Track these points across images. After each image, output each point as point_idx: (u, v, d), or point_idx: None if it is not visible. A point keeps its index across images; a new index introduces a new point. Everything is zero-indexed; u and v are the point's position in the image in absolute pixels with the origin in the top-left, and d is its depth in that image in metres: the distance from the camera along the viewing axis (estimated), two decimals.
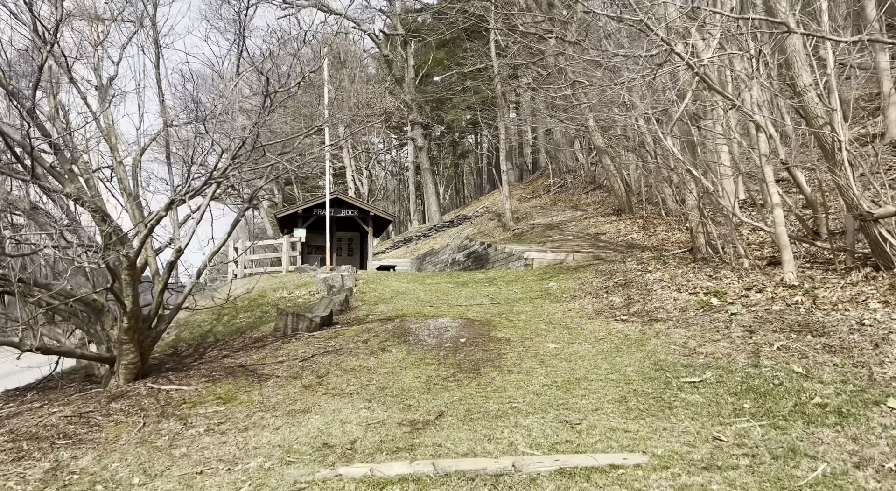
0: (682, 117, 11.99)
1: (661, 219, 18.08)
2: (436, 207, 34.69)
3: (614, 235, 18.11)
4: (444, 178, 56.18)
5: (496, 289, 13.41)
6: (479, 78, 30.16)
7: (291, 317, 9.66)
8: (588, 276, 13.20)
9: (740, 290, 8.78)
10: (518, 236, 22.45)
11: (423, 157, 34.52)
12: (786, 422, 4.54)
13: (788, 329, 6.75)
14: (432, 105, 45.08)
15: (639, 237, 16.94)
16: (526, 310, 10.49)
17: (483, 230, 28.98)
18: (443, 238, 32.23)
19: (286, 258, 20.98)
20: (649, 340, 7.38)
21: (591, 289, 11.70)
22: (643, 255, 13.93)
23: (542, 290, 12.58)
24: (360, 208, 25.21)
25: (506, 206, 26.19)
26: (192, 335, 10.72)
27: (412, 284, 14.70)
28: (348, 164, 40.70)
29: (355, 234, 28.05)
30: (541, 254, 16.38)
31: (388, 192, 56.61)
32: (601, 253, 15.84)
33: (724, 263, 10.97)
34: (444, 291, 13.51)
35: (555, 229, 21.32)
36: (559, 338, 7.98)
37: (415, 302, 11.83)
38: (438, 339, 8.28)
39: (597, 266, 14.10)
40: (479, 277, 15.84)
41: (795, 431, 4.36)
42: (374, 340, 8.36)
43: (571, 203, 28.22)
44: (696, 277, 10.24)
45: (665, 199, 18.31)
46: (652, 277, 11.05)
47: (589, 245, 17.45)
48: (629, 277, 11.68)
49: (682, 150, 17.88)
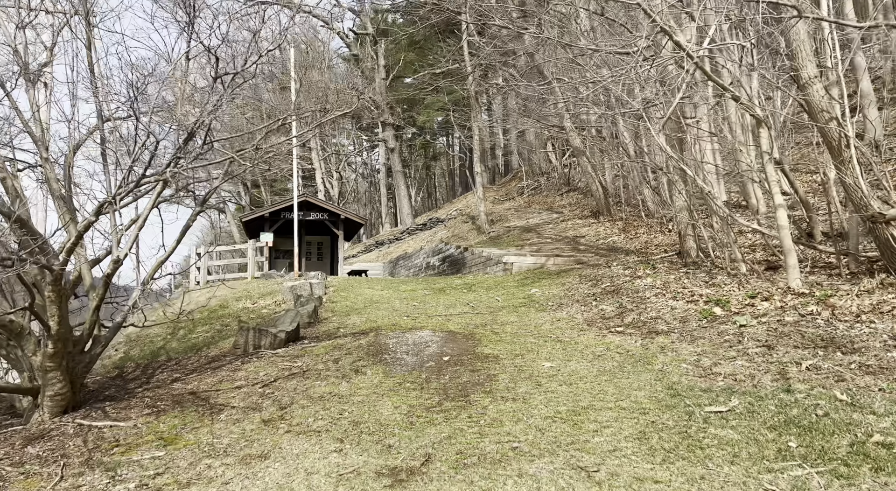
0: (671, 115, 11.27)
1: (642, 221, 17.41)
2: (408, 210, 33.71)
3: (594, 238, 17.38)
4: (415, 181, 55.21)
5: (476, 296, 12.51)
6: (452, 77, 29.30)
7: (253, 332, 8.61)
8: (572, 281, 12.39)
9: (743, 298, 8.02)
10: (494, 239, 21.61)
11: (394, 159, 33.50)
12: (847, 467, 3.71)
13: (812, 345, 5.97)
14: (404, 106, 44.07)
15: (620, 240, 16.22)
16: (511, 320, 9.60)
17: (457, 233, 28.10)
18: (416, 241, 31.27)
19: (252, 264, 19.79)
20: (655, 356, 6.54)
21: (578, 296, 10.88)
22: (628, 259, 13.18)
23: (525, 297, 11.73)
24: (331, 211, 24.11)
25: (480, 209, 25.35)
26: (142, 353, 9.58)
27: (386, 292, 13.72)
28: (318, 166, 39.47)
29: (325, 238, 26.91)
30: (520, 258, 15.54)
31: (360, 195, 55.43)
32: (583, 257, 15.07)
33: (718, 268, 10.25)
34: (420, 299, 12.56)
35: (532, 232, 20.54)
36: (553, 354, 7.10)
37: (390, 312, 10.85)
38: (419, 357, 7.34)
39: (580, 271, 13.31)
40: (456, 283, 14.93)
41: (865, 482, 3.53)
42: (347, 360, 7.37)
43: (546, 205, 27.54)
44: (691, 284, 9.47)
45: (645, 201, 17.65)
46: (643, 284, 10.27)
47: (569, 248, 16.68)
48: (617, 284, 10.89)
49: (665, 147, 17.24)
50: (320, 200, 25.04)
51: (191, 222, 6.97)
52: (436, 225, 32.28)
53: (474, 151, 24.93)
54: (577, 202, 25.30)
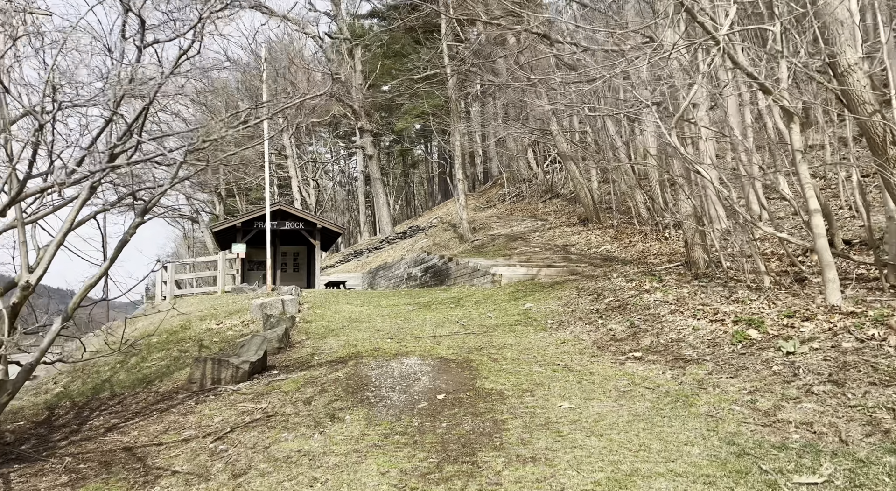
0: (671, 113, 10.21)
1: (635, 228, 16.34)
2: (387, 218, 32.38)
3: (585, 247, 16.25)
4: (394, 189, 53.90)
5: (465, 312, 11.25)
6: (431, 81, 28.13)
7: (212, 364, 7.24)
8: (570, 295, 11.20)
9: (779, 317, 6.88)
10: (479, 248, 20.39)
11: (373, 166, 32.18)
12: None
13: (892, 381, 4.82)
14: (382, 113, 42.78)
15: (614, 249, 15.10)
16: (509, 342, 8.36)
17: (439, 242, 26.85)
18: (396, 250, 29.94)
19: (221, 278, 18.29)
20: (696, 395, 5.34)
21: (580, 313, 9.68)
22: (627, 269, 12.04)
23: (521, 313, 10.50)
24: (306, 220, 22.70)
25: (462, 217, 24.14)
26: (83, 387, 8.13)
27: (367, 308, 12.39)
28: (294, 174, 37.95)
29: (301, 248, 25.46)
30: (509, 269, 14.33)
31: (337, 203, 53.92)
32: (577, 267, 13.91)
33: (736, 281, 9.13)
34: (404, 315, 11.26)
35: (518, 241, 19.36)
36: (568, 390, 5.87)
37: (371, 333, 9.54)
38: (408, 394, 6.04)
39: (576, 283, 12.13)
40: (442, 297, 13.65)
41: None
42: (321, 399, 6.05)
43: (529, 212, 26.44)
44: (710, 300, 8.33)
45: (637, 207, 16.59)
46: (653, 299, 9.11)
47: (560, 258, 15.52)
48: (623, 298, 9.72)
49: (661, 150, 16.22)
50: (296, 209, 23.61)
51: (128, 237, 5.61)
52: (416, 233, 31.00)
53: (455, 157, 23.74)
54: (562, 209, 24.24)
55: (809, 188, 7.22)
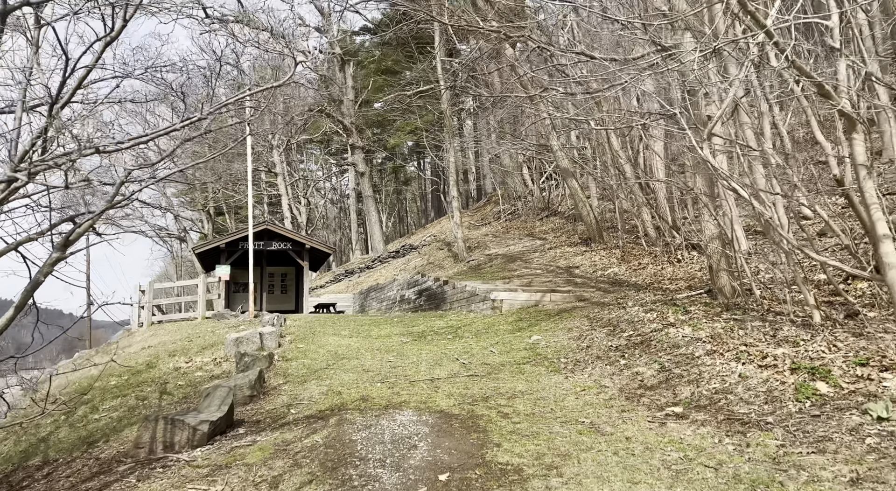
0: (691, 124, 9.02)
1: (642, 249, 15.12)
2: (379, 236, 31.09)
3: (590, 269, 15.00)
4: (386, 206, 52.70)
5: (465, 345, 9.95)
6: (424, 96, 27.08)
7: (164, 425, 5.89)
8: (581, 326, 9.94)
9: (849, 366, 5.63)
10: (475, 269, 19.11)
11: (364, 184, 30.93)
12: None
13: None
14: (375, 130, 41.67)
15: (622, 272, 13.86)
16: (519, 388, 7.06)
17: (433, 261, 25.58)
18: (388, 270, 28.63)
19: (202, 303, 16.92)
20: (778, 482, 4.05)
21: (596, 349, 8.40)
22: (642, 296, 10.79)
23: (527, 348, 9.21)
24: (294, 240, 21.38)
25: (457, 235, 22.90)
26: (13, 450, 6.75)
27: (356, 340, 11.07)
28: (284, 191, 36.65)
29: (290, 269, 24.10)
30: (510, 293, 13.05)
31: (329, 221, 52.63)
32: (583, 292, 12.66)
33: (775, 314, 7.89)
34: (397, 349, 9.94)
35: (517, 261, 18.11)
36: (604, 466, 4.57)
37: (359, 374, 8.21)
38: (401, 472, 4.73)
39: (586, 311, 10.88)
40: (438, 326, 12.35)
41: None
42: (291, 481, 4.72)
43: (526, 230, 25.23)
44: (752, 338, 7.07)
45: (645, 226, 15.38)
46: (681, 335, 7.85)
47: (564, 281, 14.26)
48: (644, 333, 8.46)
49: (670, 166, 15.06)
50: (283, 228, 22.29)
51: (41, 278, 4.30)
52: (409, 252, 29.72)
53: (449, 173, 22.56)
54: (561, 227, 23.04)
55: (877, 210, 6.01)
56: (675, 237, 13.91)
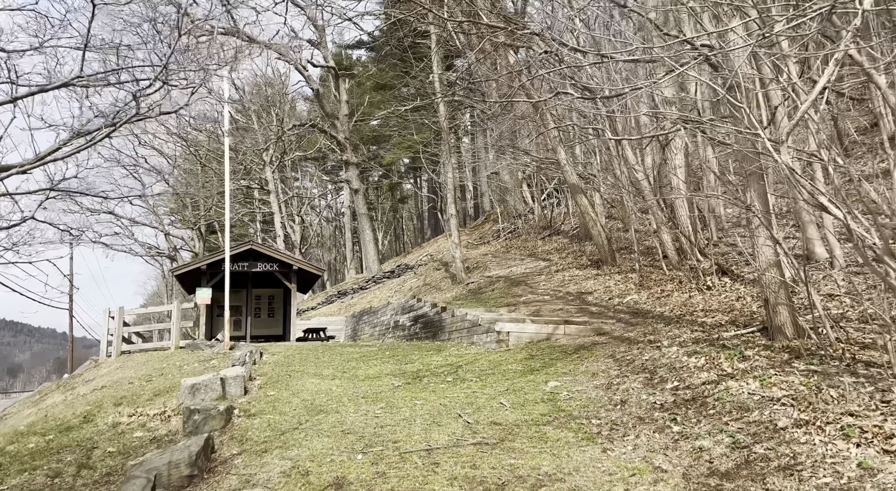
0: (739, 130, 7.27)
1: (662, 273, 13.31)
2: (374, 256, 29.25)
3: (605, 296, 13.17)
4: (382, 224, 50.94)
5: (468, 392, 8.07)
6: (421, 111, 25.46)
7: None
8: (606, 369, 8.09)
9: None
10: (476, 294, 17.27)
11: (359, 201, 29.16)
12: None
13: None
14: (370, 147, 40.04)
15: (644, 300, 12.04)
16: (545, 469, 5.19)
17: (430, 282, 23.72)
18: (383, 291, 26.74)
19: (175, 331, 14.99)
20: None
21: (634, 406, 6.54)
22: (677, 333, 8.95)
23: (546, 399, 7.35)
24: (281, 261, 19.51)
25: (455, 255, 21.09)
26: None
27: (339, 382, 9.18)
28: (277, 209, 34.84)
29: (278, 291, 22.16)
30: (517, 325, 11.20)
31: (324, 240, 50.80)
32: (602, 324, 10.82)
33: (867, 365, 6.05)
34: (387, 399, 8.05)
35: (521, 285, 16.27)
36: None
37: (336, 440, 6.32)
38: None
39: (610, 348, 9.04)
40: (436, 363, 10.47)
41: None
42: None
43: (527, 250, 23.42)
44: (855, 404, 5.22)
45: (665, 247, 13.59)
46: (746, 391, 6.01)
47: (577, 310, 12.42)
48: (693, 384, 6.62)
49: (691, 179, 13.29)
50: (268, 248, 20.42)
51: None
52: (405, 272, 27.88)
53: (446, 190, 20.82)
54: (565, 247, 21.26)
55: None
56: (701, 261, 12.12)
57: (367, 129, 35.81)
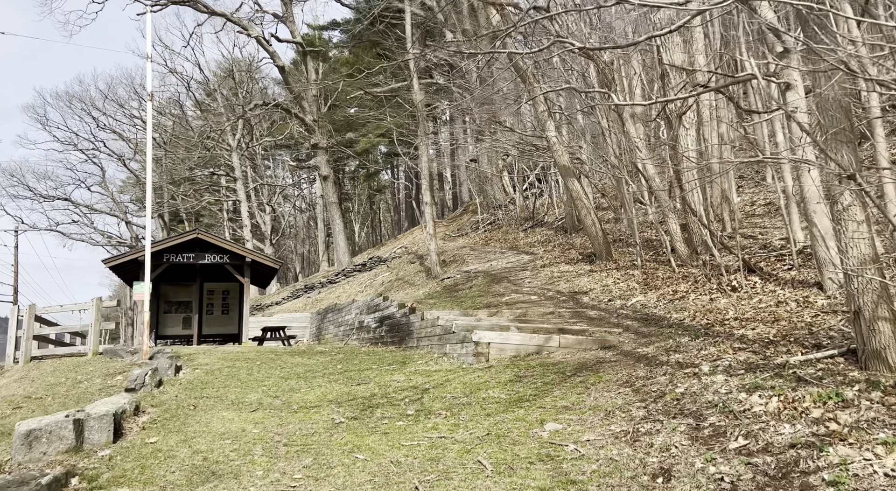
0: None
1: (669, 269, 10.92)
2: (344, 247, 26.57)
3: (604, 297, 10.74)
4: (360, 216, 48.13)
5: (434, 439, 5.53)
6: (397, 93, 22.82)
7: None
8: (624, 403, 5.64)
9: None
10: (450, 291, 14.77)
11: (328, 189, 26.43)
12: None
13: None
14: (344, 134, 37.20)
15: (653, 303, 9.62)
16: None
17: (402, 276, 21.14)
18: (353, 286, 24.11)
19: (93, 334, 12.24)
20: None
21: (687, 483, 4.06)
22: (712, 351, 6.52)
23: (546, 457, 4.83)
24: (233, 252, 16.79)
25: (430, 248, 18.54)
26: None
27: (259, 419, 6.58)
28: (244, 197, 31.91)
29: (233, 286, 19.39)
30: (500, 335, 8.70)
31: (298, 230, 47.85)
32: (606, 333, 8.38)
33: None
34: (318, 451, 5.46)
35: (503, 282, 13.78)
36: None
37: None
38: None
39: (623, 371, 6.61)
40: (397, 384, 7.92)
41: None
42: None
43: (508, 243, 20.99)
44: None
45: (673, 240, 11.19)
46: (879, 471, 3.56)
47: (571, 314, 9.97)
48: (774, 444, 4.16)
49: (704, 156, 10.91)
50: (218, 238, 17.63)
51: None
52: (377, 265, 25.26)
53: (422, 177, 18.25)
54: (549, 240, 18.86)
55: None
56: (717, 256, 9.73)
57: (340, 116, 32.99)
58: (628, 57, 11.69)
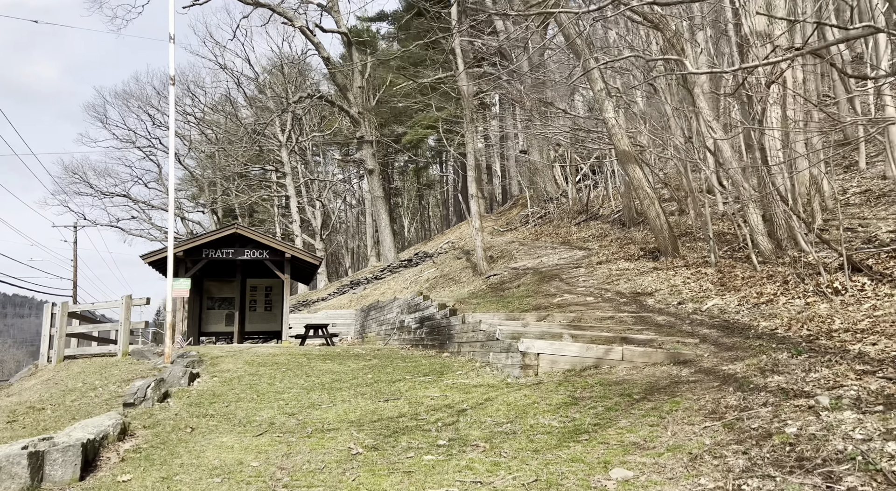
0: None
1: (749, 267, 9.26)
2: (390, 242, 25.62)
3: (673, 299, 9.19)
4: (409, 211, 47.34)
5: (469, 483, 4.28)
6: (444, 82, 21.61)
7: None
8: (714, 445, 4.18)
9: None
10: (497, 290, 13.45)
11: (373, 182, 25.52)
12: None
13: None
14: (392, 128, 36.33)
15: (734, 307, 8.03)
16: None
17: (447, 272, 19.96)
18: (398, 282, 23.12)
19: (123, 333, 11.60)
20: None
21: None
22: (831, 375, 4.99)
23: None
24: (272, 248, 16.01)
25: (476, 243, 17.27)
26: None
27: (263, 446, 5.52)
28: (293, 193, 31.47)
29: (276, 282, 18.71)
30: (552, 344, 7.34)
31: (349, 225, 47.48)
32: (680, 346, 6.91)
33: None
34: None
35: (555, 281, 12.36)
36: None
37: None
38: None
39: (702, 394, 5.17)
40: (429, 402, 6.72)
41: None
42: None
43: (560, 238, 19.46)
44: None
45: (754, 234, 9.49)
46: None
47: (635, 320, 8.49)
48: None
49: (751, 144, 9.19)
50: (257, 233, 16.89)
51: None
52: (423, 261, 24.19)
53: (469, 167, 16.97)
54: (605, 234, 17.24)
55: None
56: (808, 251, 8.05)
57: (386, 108, 32.09)
58: (698, 26, 10.04)
